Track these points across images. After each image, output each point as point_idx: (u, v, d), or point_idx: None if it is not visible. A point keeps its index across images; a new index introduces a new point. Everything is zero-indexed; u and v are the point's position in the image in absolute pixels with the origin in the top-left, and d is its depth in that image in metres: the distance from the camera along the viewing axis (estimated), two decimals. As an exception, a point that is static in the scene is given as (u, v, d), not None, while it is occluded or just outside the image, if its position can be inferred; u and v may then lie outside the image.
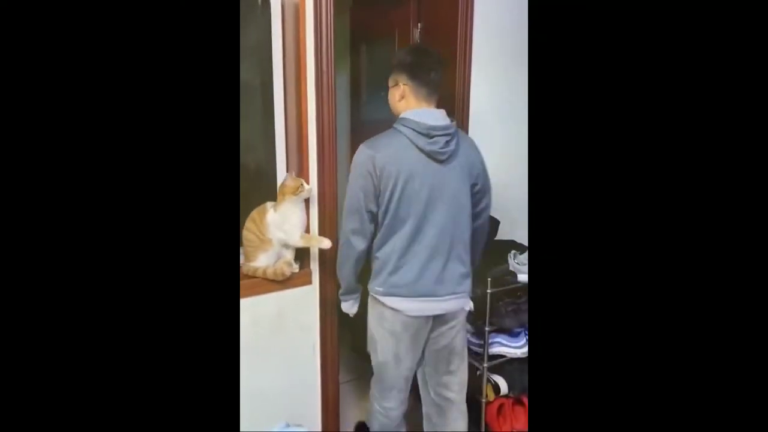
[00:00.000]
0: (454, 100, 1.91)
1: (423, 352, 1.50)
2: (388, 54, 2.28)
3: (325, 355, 1.73)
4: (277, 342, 1.63)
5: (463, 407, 1.59)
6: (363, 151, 1.36)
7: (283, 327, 1.64)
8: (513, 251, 1.84)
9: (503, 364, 1.90)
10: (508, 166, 1.82)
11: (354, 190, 1.36)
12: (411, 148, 1.34)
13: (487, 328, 1.83)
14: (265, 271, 1.55)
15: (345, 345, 2.71)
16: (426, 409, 1.60)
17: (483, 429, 1.92)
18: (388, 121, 2.31)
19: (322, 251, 1.66)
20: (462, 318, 1.53)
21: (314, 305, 1.69)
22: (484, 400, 1.88)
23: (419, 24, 2.10)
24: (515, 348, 1.84)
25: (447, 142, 1.35)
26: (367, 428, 1.63)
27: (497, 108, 1.98)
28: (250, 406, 1.59)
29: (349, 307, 1.56)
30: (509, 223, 1.93)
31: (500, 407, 1.90)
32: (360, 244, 1.40)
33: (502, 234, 2.01)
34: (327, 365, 1.74)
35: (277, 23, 1.64)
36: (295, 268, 1.60)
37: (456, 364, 1.53)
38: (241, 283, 1.55)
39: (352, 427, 2.05)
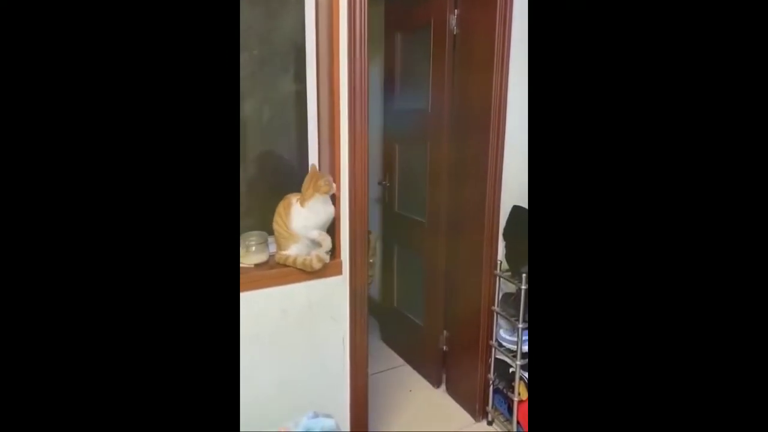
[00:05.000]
0: (491, 93, 1.85)
1: None
2: (423, 43, 2.24)
3: (354, 346, 1.72)
4: (306, 332, 1.64)
5: None
6: None
7: (313, 317, 1.64)
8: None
9: (536, 362, 1.85)
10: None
11: None
12: None
13: (520, 326, 1.78)
14: (295, 260, 1.55)
15: (374, 336, 2.72)
16: None
17: (515, 428, 1.87)
18: (420, 110, 2.29)
19: (353, 242, 1.65)
20: None
21: (344, 296, 1.68)
22: (516, 399, 1.84)
23: (456, 11, 2.04)
24: (549, 346, 1.79)
25: None
26: None
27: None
28: (279, 396, 1.60)
29: None
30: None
31: (532, 406, 1.86)
32: None
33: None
34: (356, 356, 1.73)
35: (310, 13, 1.62)
36: (326, 259, 1.59)
37: None
38: (272, 272, 1.56)
39: (380, 418, 2.05)
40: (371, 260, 2.81)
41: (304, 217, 1.53)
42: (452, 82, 2.10)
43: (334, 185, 1.55)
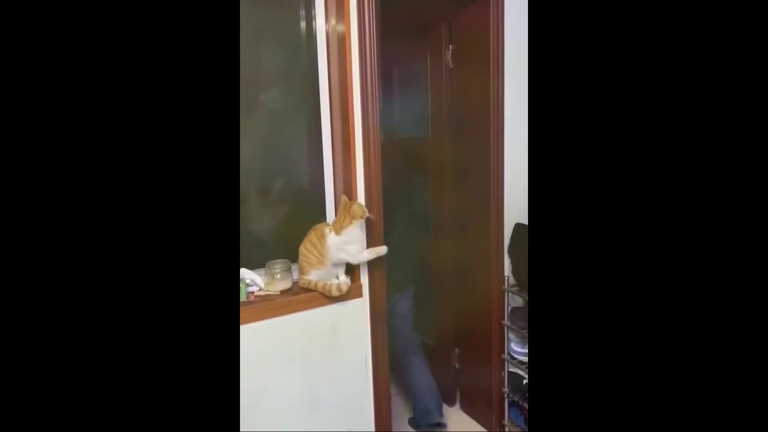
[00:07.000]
0: (489, 130, 1.99)
1: None
2: (419, 75, 2.39)
3: (377, 367, 1.79)
4: (331, 353, 1.70)
5: None
6: None
7: (337, 339, 1.70)
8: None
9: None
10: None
11: None
12: None
13: (532, 337, 1.86)
14: (317, 284, 1.63)
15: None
16: None
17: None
18: (415, 139, 2.41)
19: (371, 265, 1.74)
20: None
21: (365, 318, 1.75)
22: (532, 409, 1.90)
23: (450, 46, 2.20)
24: (561, 355, 1.87)
25: None
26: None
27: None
28: (308, 415, 1.66)
29: None
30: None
31: (548, 415, 1.92)
32: None
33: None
34: (378, 376, 1.79)
35: (322, 51, 1.75)
36: (344, 289, 1.65)
37: None
38: (297, 297, 1.63)
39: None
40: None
41: (341, 243, 1.60)
42: (450, 111, 2.25)
43: (367, 210, 1.64)
